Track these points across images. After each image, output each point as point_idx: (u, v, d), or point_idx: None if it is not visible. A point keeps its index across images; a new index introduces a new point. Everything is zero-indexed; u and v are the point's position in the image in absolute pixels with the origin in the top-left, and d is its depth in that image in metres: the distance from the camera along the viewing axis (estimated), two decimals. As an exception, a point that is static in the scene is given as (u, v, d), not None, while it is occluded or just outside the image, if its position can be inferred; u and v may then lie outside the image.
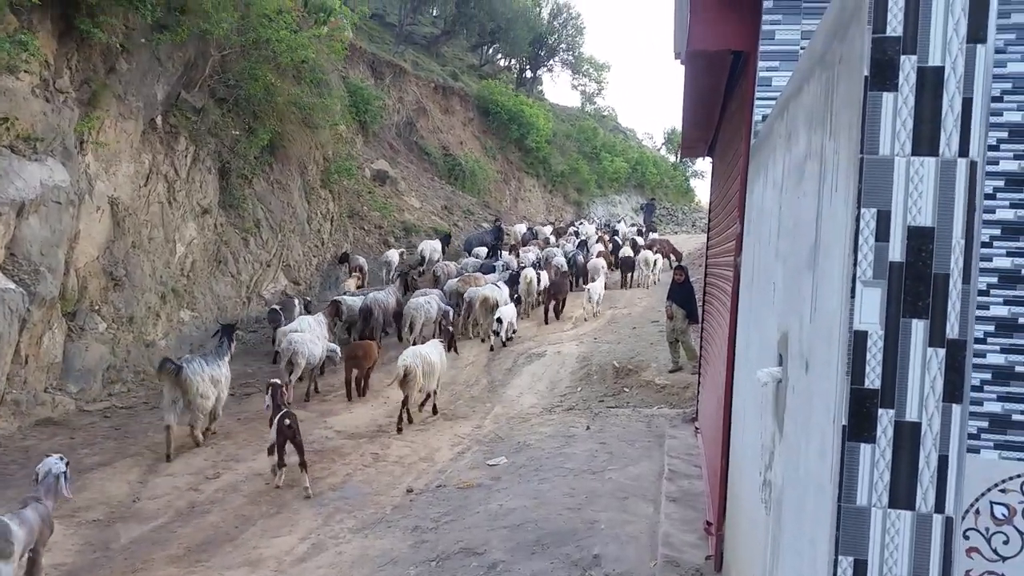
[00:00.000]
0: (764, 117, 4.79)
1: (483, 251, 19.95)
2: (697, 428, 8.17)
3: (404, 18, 33.19)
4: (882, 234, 1.77)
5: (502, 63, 42.67)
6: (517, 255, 19.03)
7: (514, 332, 14.12)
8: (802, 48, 4.97)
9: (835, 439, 1.87)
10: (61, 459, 5.61)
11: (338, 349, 11.58)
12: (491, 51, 40.85)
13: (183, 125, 12.39)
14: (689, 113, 7.49)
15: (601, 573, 4.93)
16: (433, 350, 10.08)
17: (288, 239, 15.68)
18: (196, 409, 8.42)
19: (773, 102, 4.50)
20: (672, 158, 52.13)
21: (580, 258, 19.29)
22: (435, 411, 10.21)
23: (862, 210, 1.80)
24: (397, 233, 21.46)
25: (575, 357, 12.37)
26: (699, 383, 8.70)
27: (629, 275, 19.36)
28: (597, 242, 22.30)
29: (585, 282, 17.81)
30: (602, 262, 18.49)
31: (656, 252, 20.68)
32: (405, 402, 9.55)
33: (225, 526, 6.62)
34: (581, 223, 28.81)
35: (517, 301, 15.06)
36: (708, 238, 9.41)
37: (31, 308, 8.77)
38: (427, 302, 13.34)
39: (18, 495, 6.77)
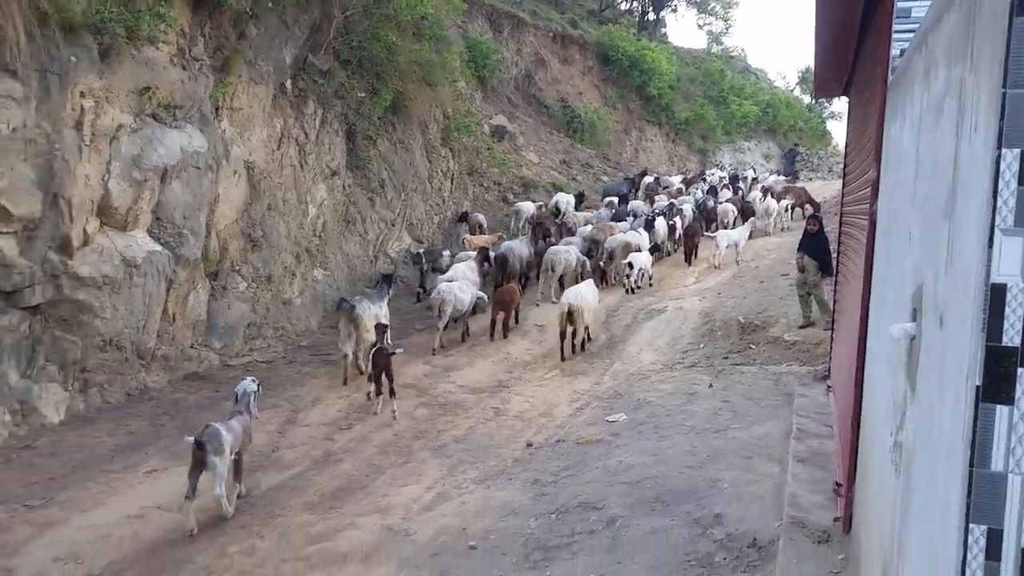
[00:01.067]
0: (902, 52, 4.45)
1: (615, 200, 20.06)
2: (829, 386, 7.85)
3: (521, -33, 32.82)
4: (1025, 177, 1.63)
5: (623, 6, 41.48)
6: (652, 202, 19.43)
7: (650, 280, 14.40)
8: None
9: (969, 399, 1.76)
10: (254, 381, 6.91)
11: (485, 296, 12.27)
12: (611, -5, 39.80)
13: (311, 88, 12.89)
14: (822, 50, 7.05)
15: (723, 532, 4.89)
16: (588, 290, 11.44)
17: (411, 198, 16.12)
18: (362, 341, 9.80)
19: (912, 35, 4.16)
20: (807, 99, 49.29)
21: (711, 204, 19.45)
22: (583, 347, 11.17)
23: (1003, 151, 1.66)
24: (516, 189, 21.58)
25: (697, 313, 12.11)
26: (832, 339, 8.33)
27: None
28: (723, 188, 22.30)
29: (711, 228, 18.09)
30: (731, 208, 18.42)
31: (787, 200, 19.95)
32: (573, 335, 10.97)
33: (357, 475, 7.02)
34: (712, 172, 28.10)
35: (654, 249, 15.38)
36: (843, 184, 8.89)
37: (176, 269, 9.52)
38: (567, 250, 13.77)
39: (171, 444, 7.50)
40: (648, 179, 24.11)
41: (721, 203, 19.07)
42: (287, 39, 12.03)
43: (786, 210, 20.08)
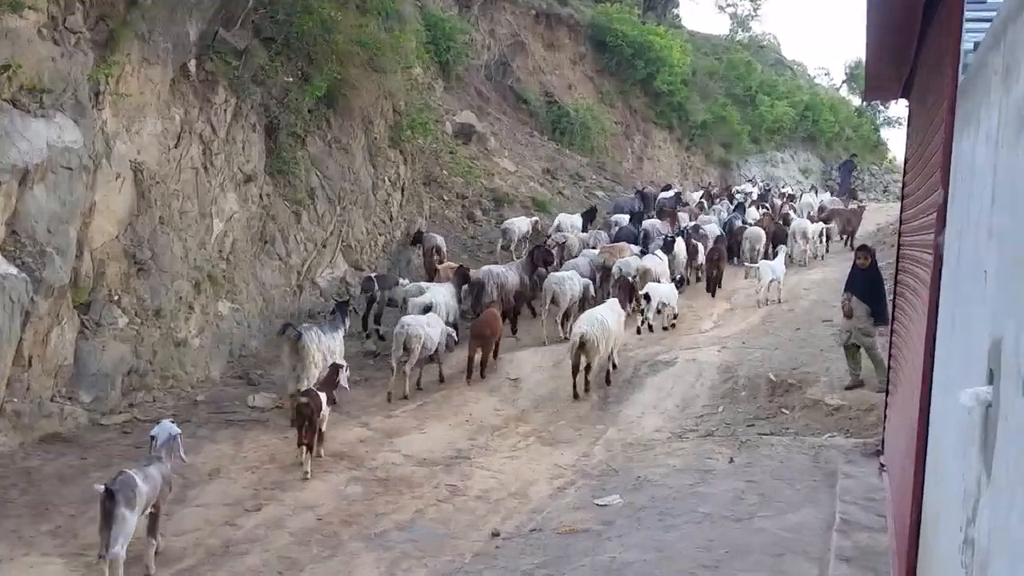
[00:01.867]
0: (976, 45, 4.55)
1: (623, 218, 20.76)
2: (883, 465, 7.90)
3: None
4: None
5: (625, -20, 42.33)
6: (673, 221, 20.26)
7: (674, 317, 14.93)
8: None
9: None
10: (173, 423, 7.53)
11: (454, 332, 12.81)
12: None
13: (221, 72, 12.89)
14: (875, 41, 7.20)
15: (744, 654, 4.85)
16: (609, 312, 12.10)
17: (349, 213, 16.11)
18: (306, 376, 10.26)
19: (988, 24, 4.27)
20: (856, 101, 50.36)
21: (737, 224, 20.44)
22: (607, 380, 12.11)
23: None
24: (485, 204, 21.73)
25: (716, 366, 12.19)
26: (887, 404, 8.41)
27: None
28: (750, 206, 23.50)
29: (738, 255, 19.02)
30: (761, 232, 19.17)
31: (828, 223, 20.71)
32: (587, 370, 11.64)
33: (267, 572, 6.90)
34: (741, 188, 29.00)
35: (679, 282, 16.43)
36: (901, 209, 9.06)
37: (36, 298, 9.34)
38: (570, 276, 14.34)
39: (18, 525, 7.32)
40: (667, 194, 24.82)
41: (750, 225, 19.77)
42: (192, 9, 12.03)
43: (820, 235, 20.89)
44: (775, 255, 17.69)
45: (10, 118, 9.16)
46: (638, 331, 14.33)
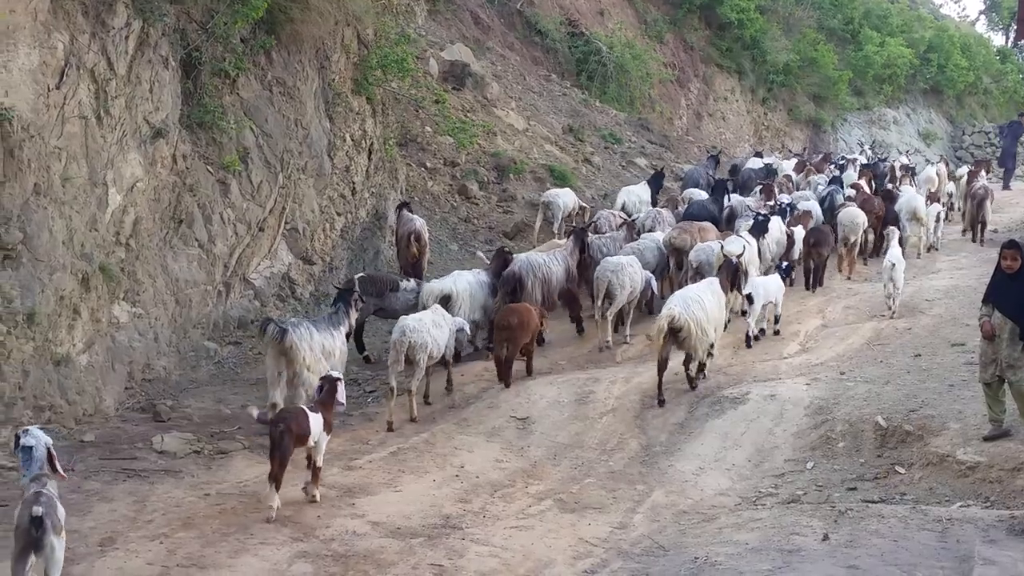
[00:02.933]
0: None
1: (699, 193, 21.59)
2: (1036, 547, 7.88)
3: None
4: None
5: None
6: (768, 196, 21.30)
7: (777, 321, 16.10)
8: None
9: None
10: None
11: (467, 327, 13.77)
12: None
13: (122, -15, 12.91)
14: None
15: None
16: (708, 293, 13.42)
17: (296, 184, 16.11)
18: (303, 386, 11.29)
19: None
20: (1000, 39, 50.39)
21: (839, 199, 21.33)
22: (699, 375, 13.42)
23: None
24: (483, 175, 21.72)
25: (803, 407, 12.17)
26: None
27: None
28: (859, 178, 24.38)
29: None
30: (860, 214, 19.61)
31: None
32: (663, 367, 12.70)
33: None
34: (845, 156, 29.70)
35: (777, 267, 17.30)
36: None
37: None
38: (630, 263, 15.49)
39: None
40: (755, 163, 25.77)
41: (847, 206, 20.13)
42: None
43: (937, 220, 21.53)
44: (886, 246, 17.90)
45: None
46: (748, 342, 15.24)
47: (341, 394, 10.33)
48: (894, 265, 16.05)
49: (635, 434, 12.10)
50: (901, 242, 17.96)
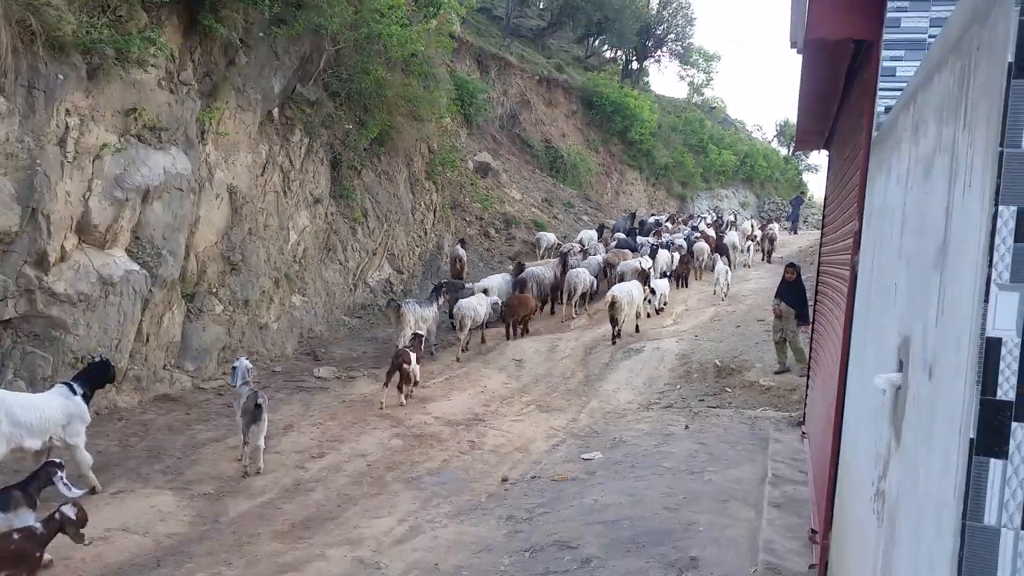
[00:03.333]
0: (887, 109, 4.54)
1: (620, 235, 21.91)
2: (804, 433, 7.88)
3: (511, 11, 33.39)
4: (1022, 235, 1.65)
5: (608, 54, 42.26)
6: (658, 236, 22.02)
7: (665, 304, 16.12)
8: (930, 37, 4.68)
9: (961, 453, 1.76)
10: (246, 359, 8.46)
11: (499, 302, 14.15)
12: (597, 42, 40.47)
13: (298, 117, 12.90)
14: (805, 105, 7.19)
15: (698, 575, 4.83)
16: (634, 287, 14.01)
17: (393, 229, 16.11)
18: (401, 336, 11.54)
19: (897, 93, 4.26)
20: (784, 151, 50.29)
21: (695, 237, 22.17)
22: (636, 329, 14.09)
23: (1000, 208, 1.68)
24: (498, 225, 21.69)
25: (674, 354, 12.17)
26: (808, 386, 8.38)
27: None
28: (708, 227, 25.63)
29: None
30: (706, 247, 20.63)
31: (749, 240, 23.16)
32: (615, 322, 13.34)
33: (328, 504, 6.89)
34: (700, 217, 30.07)
35: (663, 275, 17.77)
36: (822, 235, 9.02)
37: (153, 289, 9.37)
38: (584, 271, 16.04)
39: (137, 464, 7.34)
40: (651, 219, 26.69)
41: (699, 241, 21.18)
42: (276, 68, 12.06)
43: (748, 250, 23.11)
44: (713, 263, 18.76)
45: (136, 150, 9.18)
46: (647, 315, 15.28)
47: (422, 347, 10.83)
48: (724, 273, 16.87)
49: (581, 369, 12.10)
50: (729, 263, 18.60)
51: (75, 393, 6.72)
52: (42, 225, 7.95)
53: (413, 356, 10.04)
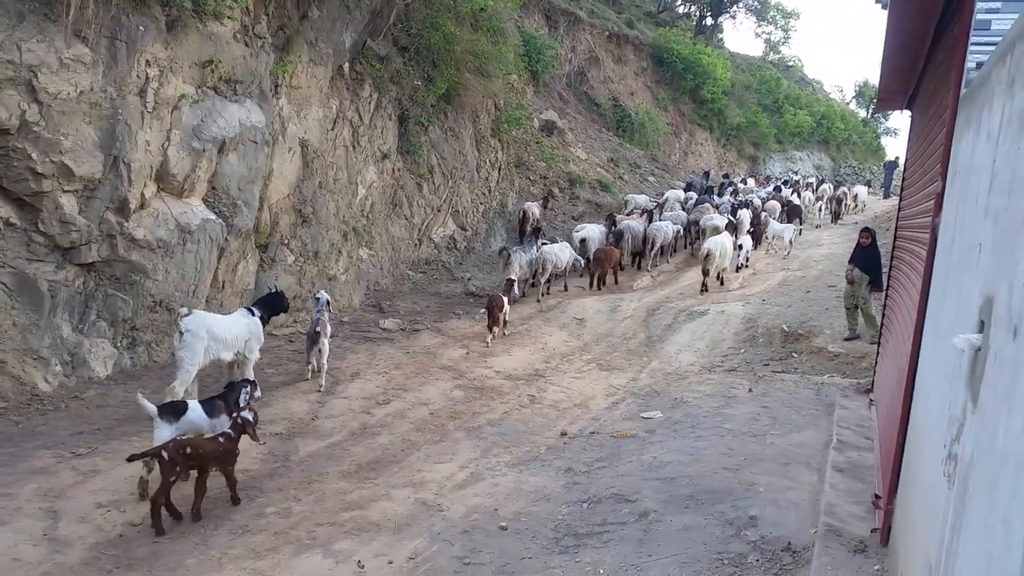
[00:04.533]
0: (978, 65, 4.33)
1: (693, 195, 22.15)
2: (872, 400, 7.72)
3: (581, -36, 32.62)
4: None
5: (681, 10, 41.05)
6: (736, 194, 22.80)
7: (747, 260, 16.53)
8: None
9: (1045, 409, 1.72)
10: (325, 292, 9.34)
11: (581, 260, 14.58)
12: (670, -3, 39.40)
13: (368, 73, 12.99)
14: (889, 62, 6.90)
15: (757, 534, 4.84)
16: (726, 239, 14.72)
17: (458, 186, 16.17)
18: (515, 275, 12.57)
19: (990, 48, 4.05)
20: (863, 113, 48.32)
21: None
22: (721, 283, 14.65)
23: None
24: (562, 184, 21.51)
25: (740, 318, 11.98)
26: (878, 353, 8.18)
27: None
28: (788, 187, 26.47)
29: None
30: (777, 205, 21.47)
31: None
32: (707, 274, 14.11)
33: (392, 449, 7.10)
34: (779, 180, 30.01)
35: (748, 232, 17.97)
36: (901, 199, 8.71)
37: (229, 238, 9.68)
38: (666, 226, 16.67)
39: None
40: (724, 179, 27.03)
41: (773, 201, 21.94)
42: (348, 23, 12.13)
43: (819, 210, 24.45)
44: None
45: (212, 102, 9.41)
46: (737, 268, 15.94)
47: (515, 289, 12.27)
48: (782, 233, 17.79)
49: (643, 329, 12.03)
50: (800, 221, 20.13)
51: (254, 315, 7.95)
52: (123, 173, 8.28)
53: (505, 300, 11.07)
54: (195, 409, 6.02)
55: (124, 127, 8.21)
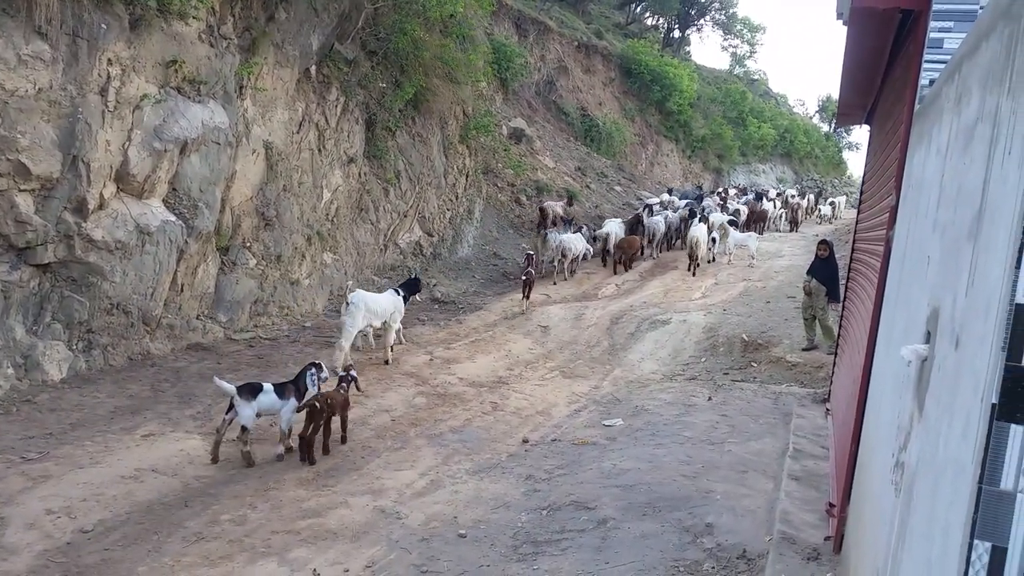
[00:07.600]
0: (931, 81, 4.44)
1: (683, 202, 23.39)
2: (828, 410, 7.84)
3: (552, -26, 32.85)
4: (1059, 200, 1.63)
5: (649, 22, 41.56)
6: (723, 203, 24.36)
7: (754, 258, 17.89)
8: (980, 7, 4.55)
9: (982, 418, 1.76)
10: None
11: (591, 249, 16.91)
12: (639, 9, 39.82)
13: (335, 76, 12.90)
14: (848, 77, 7.04)
15: (713, 541, 4.88)
16: (706, 228, 17.35)
17: (425, 191, 16.12)
18: (549, 253, 15.46)
19: (941, 66, 4.16)
20: (825, 127, 49.30)
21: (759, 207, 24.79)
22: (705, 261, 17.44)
23: (1038, 173, 1.66)
24: (529, 192, 21.58)
25: (701, 327, 12.11)
26: (834, 364, 8.32)
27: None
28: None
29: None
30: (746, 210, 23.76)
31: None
32: (695, 260, 16.64)
33: (352, 455, 7.04)
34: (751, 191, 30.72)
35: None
36: (858, 212, 8.88)
37: (189, 240, 9.53)
38: (660, 220, 19.10)
39: (168, 409, 7.52)
40: (693, 192, 28.02)
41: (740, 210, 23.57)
42: (315, 25, 12.04)
43: (780, 219, 26.13)
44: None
45: (175, 102, 9.27)
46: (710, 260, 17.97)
47: (532, 268, 13.82)
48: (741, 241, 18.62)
49: (606, 337, 12.09)
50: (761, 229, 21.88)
51: (399, 295, 10.48)
52: (82, 172, 8.11)
53: (533, 274, 13.40)
54: (268, 391, 6.81)
55: (84, 126, 8.05)
